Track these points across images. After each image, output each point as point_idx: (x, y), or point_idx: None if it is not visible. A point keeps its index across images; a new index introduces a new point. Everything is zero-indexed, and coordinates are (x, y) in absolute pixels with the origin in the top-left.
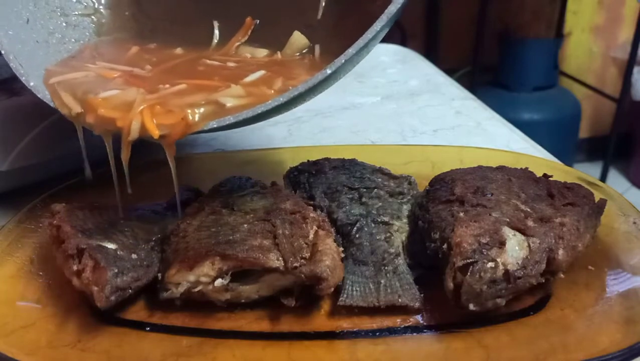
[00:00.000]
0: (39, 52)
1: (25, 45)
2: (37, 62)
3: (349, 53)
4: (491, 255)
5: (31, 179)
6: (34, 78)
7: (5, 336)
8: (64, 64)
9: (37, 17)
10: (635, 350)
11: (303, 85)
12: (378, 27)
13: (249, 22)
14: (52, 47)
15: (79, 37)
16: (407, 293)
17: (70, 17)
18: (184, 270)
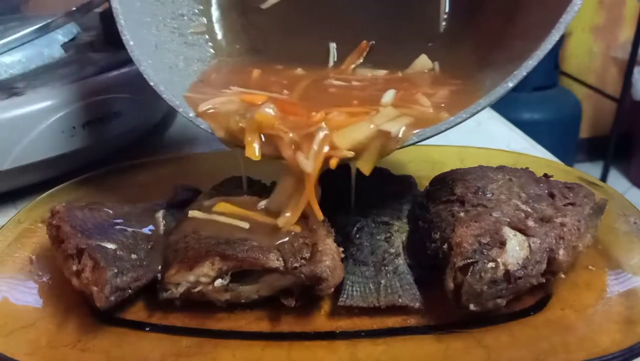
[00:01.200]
0: (174, 78)
1: (162, 72)
2: (177, 90)
3: (529, 65)
4: (492, 255)
5: (31, 179)
6: (187, 108)
7: (5, 336)
8: (196, 89)
9: (161, 41)
10: (635, 350)
11: (485, 99)
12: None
13: (364, 46)
14: (182, 71)
15: (200, 56)
16: (407, 293)
17: (188, 37)
18: (184, 270)
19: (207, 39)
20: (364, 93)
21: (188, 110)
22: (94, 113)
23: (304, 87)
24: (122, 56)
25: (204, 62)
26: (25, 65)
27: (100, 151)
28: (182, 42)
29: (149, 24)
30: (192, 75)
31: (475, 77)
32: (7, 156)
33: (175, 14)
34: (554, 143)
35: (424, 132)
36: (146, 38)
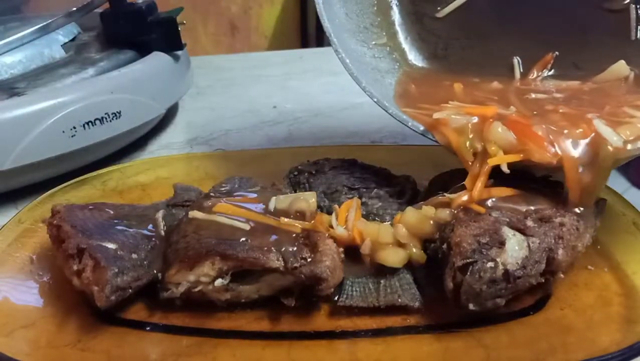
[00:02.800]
0: (383, 92)
1: (374, 87)
2: (391, 103)
3: None
4: (491, 255)
5: (31, 179)
6: (414, 122)
7: (5, 336)
8: (405, 104)
9: (360, 55)
10: (635, 350)
11: None
12: None
13: (549, 58)
14: (381, 84)
15: (389, 68)
16: (407, 293)
17: (373, 50)
18: (184, 270)
19: (389, 50)
20: (572, 108)
21: (418, 125)
22: (94, 113)
23: (518, 102)
24: (122, 56)
25: (393, 73)
26: (26, 65)
27: (100, 151)
28: (371, 55)
29: (348, 40)
30: (389, 88)
31: None
32: (7, 156)
33: (360, 27)
34: None
35: None
36: (351, 55)
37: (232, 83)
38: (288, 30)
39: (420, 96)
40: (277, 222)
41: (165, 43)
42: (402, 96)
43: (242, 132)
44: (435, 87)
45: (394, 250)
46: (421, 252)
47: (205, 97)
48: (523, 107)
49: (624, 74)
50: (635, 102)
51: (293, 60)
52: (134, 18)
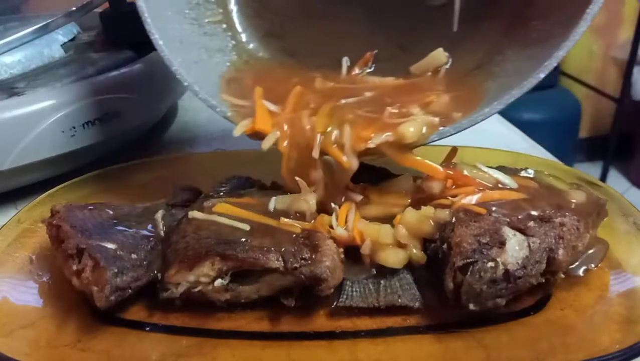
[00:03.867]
0: (202, 74)
1: (192, 69)
2: (208, 86)
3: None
4: (491, 255)
5: (31, 179)
6: (223, 107)
7: (5, 336)
8: (230, 89)
9: (184, 35)
10: (635, 350)
11: (517, 90)
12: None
13: (368, 57)
14: (207, 64)
15: (221, 46)
16: (407, 293)
17: (206, 27)
18: (184, 270)
19: (225, 27)
20: (369, 111)
21: (225, 110)
22: (94, 113)
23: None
24: (122, 56)
25: (224, 52)
26: (25, 65)
27: (100, 151)
28: (201, 33)
29: (171, 19)
30: (215, 67)
31: (479, 80)
32: (7, 156)
33: (191, 3)
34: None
35: (445, 130)
36: (171, 35)
37: None
38: None
39: (248, 85)
40: (277, 222)
41: None
42: (232, 80)
43: None
44: (273, 82)
45: (394, 251)
46: (421, 252)
47: None
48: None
49: (442, 61)
50: (426, 98)
51: None
52: (134, 18)
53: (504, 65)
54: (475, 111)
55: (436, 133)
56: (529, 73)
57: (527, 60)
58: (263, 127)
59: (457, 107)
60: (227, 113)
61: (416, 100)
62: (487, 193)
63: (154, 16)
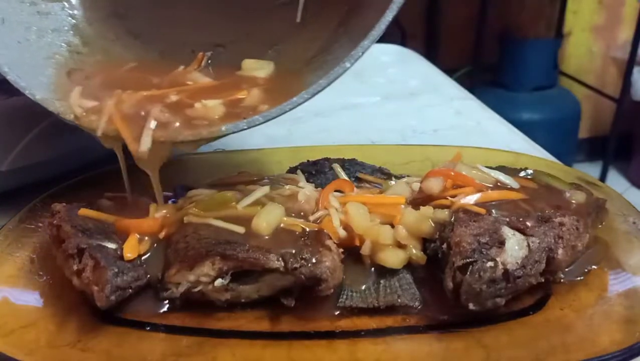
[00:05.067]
0: (25, 55)
1: (10, 49)
2: (29, 67)
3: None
4: (491, 255)
5: (31, 179)
6: (37, 89)
7: (5, 336)
8: (73, 79)
9: (9, 13)
10: (635, 350)
11: (325, 79)
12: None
13: (200, 57)
14: (34, 45)
15: (56, 25)
16: (407, 293)
17: (40, 5)
18: (184, 270)
19: (64, 5)
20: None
21: (34, 92)
22: None
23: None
24: None
25: (60, 31)
26: None
27: (100, 151)
28: (34, 12)
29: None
30: (45, 48)
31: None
32: (7, 156)
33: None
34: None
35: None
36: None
37: None
38: None
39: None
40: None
41: None
42: (78, 71)
43: (242, 132)
44: (108, 72)
45: (394, 251)
46: (421, 252)
47: None
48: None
49: (263, 72)
50: (235, 95)
51: None
52: None
53: (336, 54)
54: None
55: (244, 122)
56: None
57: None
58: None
59: (267, 100)
60: (36, 96)
61: (222, 97)
62: (487, 193)
63: None
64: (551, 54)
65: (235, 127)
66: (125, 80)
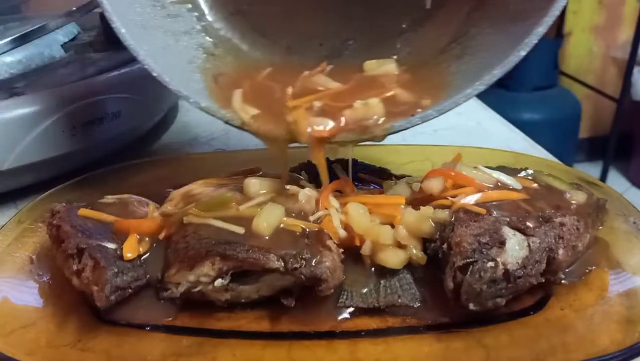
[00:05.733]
0: (172, 61)
1: (159, 57)
2: (179, 74)
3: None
4: (491, 255)
5: (31, 179)
6: (197, 96)
7: (5, 336)
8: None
9: (146, 19)
10: (635, 350)
11: (499, 69)
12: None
13: (324, 66)
14: (175, 49)
15: (186, 28)
16: (407, 293)
17: (169, 8)
18: (184, 270)
19: (190, 7)
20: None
21: (199, 100)
22: (94, 113)
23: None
24: (122, 56)
25: (191, 34)
26: (25, 65)
27: (100, 151)
28: (165, 15)
29: (132, 3)
30: (184, 52)
31: (443, 65)
32: (7, 156)
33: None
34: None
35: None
36: (133, 20)
37: None
38: None
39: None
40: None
41: None
42: (216, 78)
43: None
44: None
45: (394, 252)
46: (421, 253)
47: None
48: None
49: (393, 72)
50: (386, 93)
51: None
52: None
53: (480, 40)
54: (455, 93)
55: (418, 117)
56: (507, 51)
57: (503, 36)
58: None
59: (423, 94)
60: (201, 103)
61: (377, 94)
62: (487, 193)
63: (113, 1)
64: (551, 54)
65: (409, 122)
66: (268, 86)
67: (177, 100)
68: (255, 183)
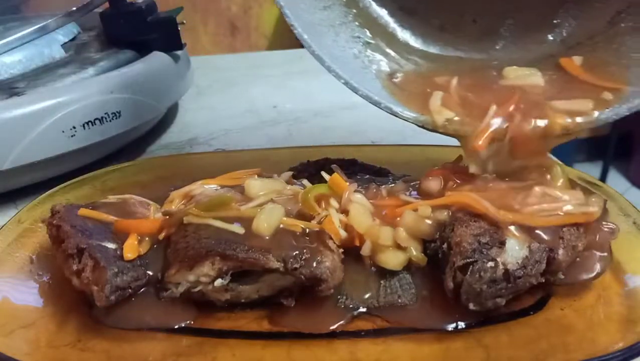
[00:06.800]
0: (345, 59)
1: (334, 58)
2: (355, 73)
3: None
4: (491, 255)
5: (31, 179)
6: (383, 98)
7: (5, 336)
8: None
9: (310, 16)
10: (635, 350)
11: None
12: None
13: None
14: (341, 45)
15: (341, 18)
16: (407, 293)
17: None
18: (184, 270)
19: (355, 13)
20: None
21: (390, 105)
22: (94, 113)
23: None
24: (122, 56)
25: (347, 24)
26: (25, 65)
27: (100, 151)
28: (321, 7)
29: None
30: (347, 47)
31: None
32: (7, 156)
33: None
34: None
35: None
36: (305, 20)
37: (232, 83)
38: (288, 30)
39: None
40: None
41: (165, 43)
42: (390, 77)
43: (242, 132)
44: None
45: (394, 253)
46: (421, 254)
47: (205, 97)
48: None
49: (539, 84)
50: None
51: (293, 60)
52: (134, 18)
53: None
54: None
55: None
56: None
57: None
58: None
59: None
60: (393, 108)
61: (588, 97)
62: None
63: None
64: None
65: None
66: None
67: (177, 101)
68: (256, 184)
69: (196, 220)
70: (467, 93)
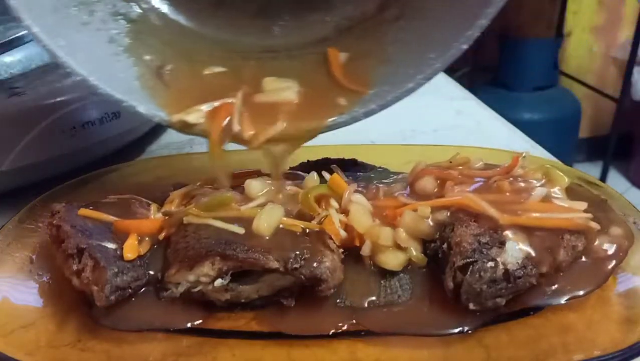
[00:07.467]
0: (94, 49)
1: (76, 52)
2: (105, 67)
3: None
4: (491, 255)
5: (31, 179)
6: (137, 101)
7: (5, 336)
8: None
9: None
10: (635, 350)
11: (441, 62)
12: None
13: None
14: (93, 29)
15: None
16: (407, 293)
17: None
18: (184, 270)
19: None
20: None
21: (138, 105)
22: (94, 113)
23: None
24: None
25: (120, 16)
26: (26, 65)
27: (100, 151)
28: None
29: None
30: (103, 31)
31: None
32: (7, 156)
33: None
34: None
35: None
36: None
37: None
38: None
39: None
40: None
41: None
42: (159, 70)
43: None
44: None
45: (394, 253)
46: (421, 254)
47: None
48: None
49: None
50: None
51: None
52: None
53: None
54: (393, 89)
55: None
56: (450, 42)
57: (441, 26)
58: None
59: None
60: (137, 107)
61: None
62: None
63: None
64: (551, 53)
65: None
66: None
67: None
68: (256, 184)
69: (196, 220)
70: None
